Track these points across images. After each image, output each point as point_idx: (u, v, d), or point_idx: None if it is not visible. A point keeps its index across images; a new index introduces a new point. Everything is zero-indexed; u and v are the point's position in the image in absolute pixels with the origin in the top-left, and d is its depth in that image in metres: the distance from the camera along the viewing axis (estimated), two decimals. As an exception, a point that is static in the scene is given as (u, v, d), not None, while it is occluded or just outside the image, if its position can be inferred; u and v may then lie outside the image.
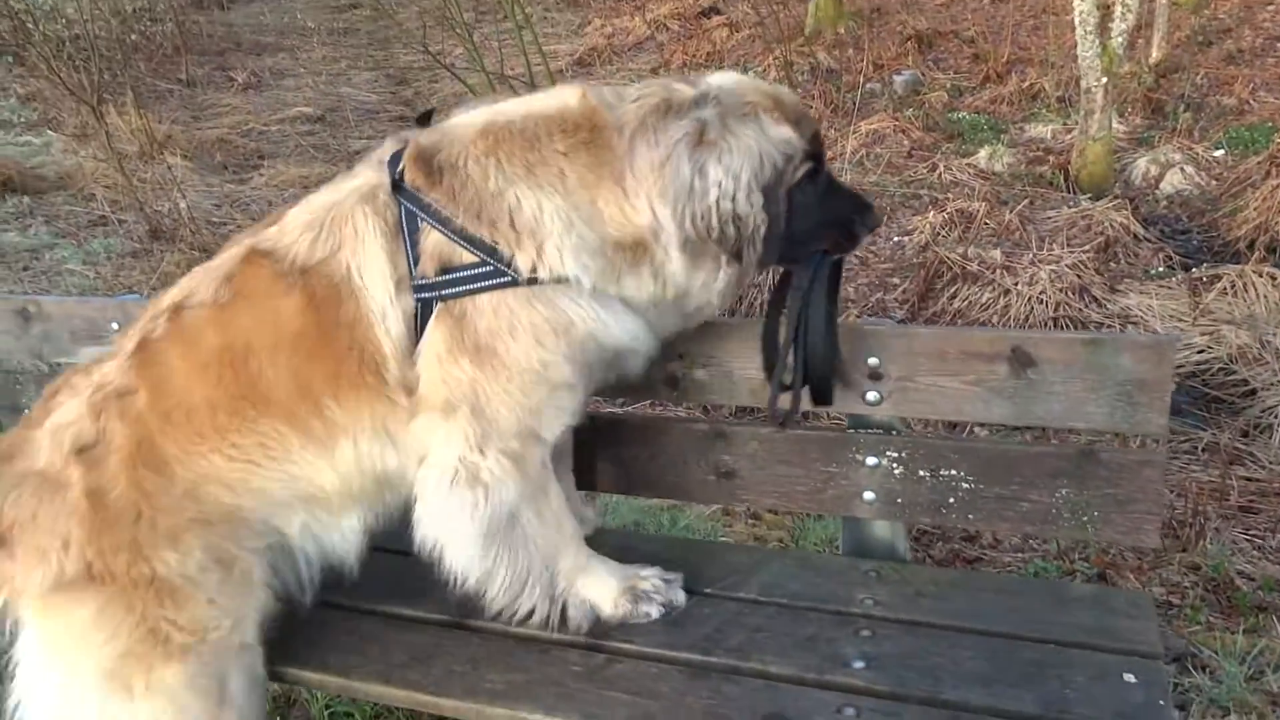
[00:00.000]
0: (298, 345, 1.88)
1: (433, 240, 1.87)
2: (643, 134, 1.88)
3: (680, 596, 2.08)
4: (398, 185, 1.90)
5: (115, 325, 2.71)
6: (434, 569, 1.95)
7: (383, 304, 1.88)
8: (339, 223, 1.92)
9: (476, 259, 1.86)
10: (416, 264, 1.87)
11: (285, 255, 1.91)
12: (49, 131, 10.51)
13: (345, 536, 2.03)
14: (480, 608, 1.99)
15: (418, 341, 1.90)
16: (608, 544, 2.36)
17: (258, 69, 13.72)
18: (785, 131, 1.92)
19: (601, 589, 2.06)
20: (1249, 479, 4.32)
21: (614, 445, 2.32)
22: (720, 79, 1.98)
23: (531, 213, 1.85)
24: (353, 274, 1.89)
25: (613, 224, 1.90)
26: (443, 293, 1.87)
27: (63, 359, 2.92)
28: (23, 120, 10.95)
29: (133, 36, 13.42)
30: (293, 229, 1.94)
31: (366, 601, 2.21)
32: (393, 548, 2.25)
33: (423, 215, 1.88)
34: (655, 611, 2.04)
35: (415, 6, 13.14)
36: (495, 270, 1.85)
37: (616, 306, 1.93)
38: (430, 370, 1.89)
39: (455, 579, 1.95)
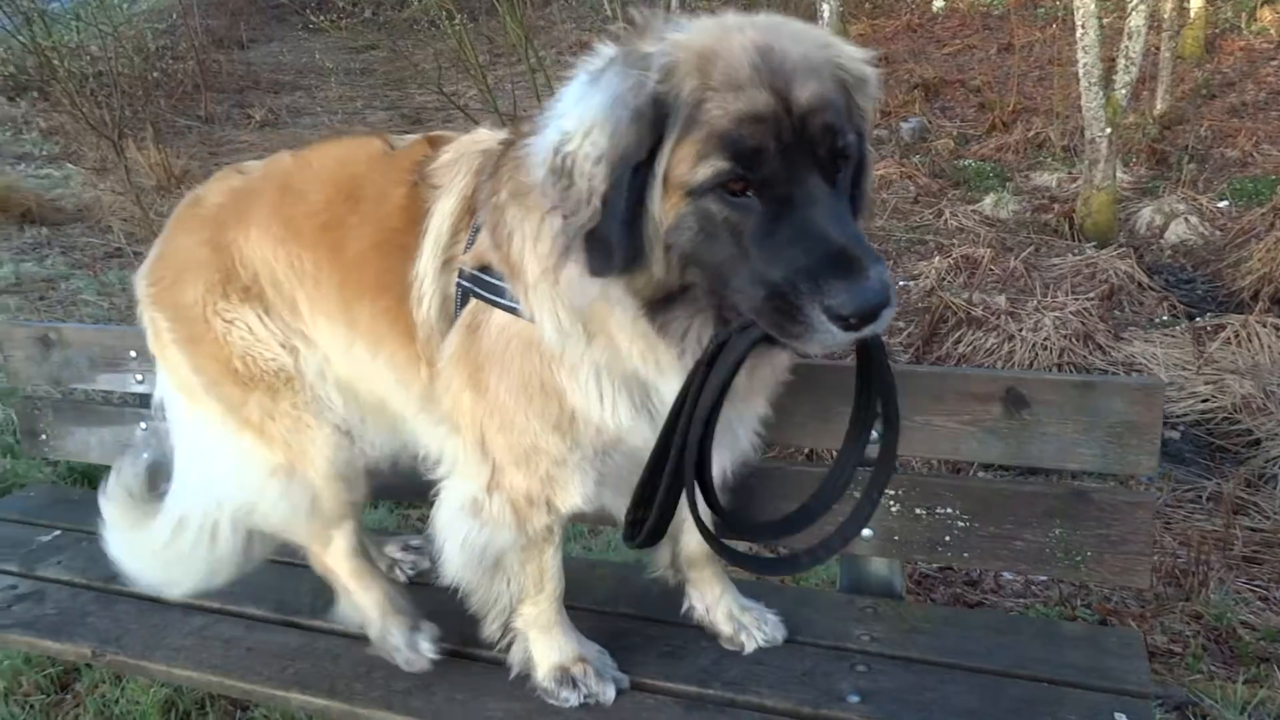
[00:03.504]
0: (381, 231, 1.86)
1: (486, 233, 1.71)
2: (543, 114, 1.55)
3: (610, 693, 1.96)
4: None
5: (133, 353, 2.77)
6: (438, 597, 1.99)
7: (423, 274, 1.80)
8: (460, 165, 1.82)
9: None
10: (469, 249, 1.75)
11: (437, 154, 1.88)
12: (69, 165, 10.73)
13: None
14: (481, 637, 2.02)
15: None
16: (609, 576, 2.40)
17: (275, 107, 13.99)
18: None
19: (545, 654, 1.99)
20: (1253, 529, 4.30)
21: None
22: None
23: (517, 246, 1.64)
24: (426, 219, 1.81)
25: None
26: (476, 289, 1.73)
27: (81, 385, 2.98)
28: (44, 153, 11.18)
29: (154, 74, 13.73)
30: (460, 141, 1.89)
31: (370, 629, 2.24)
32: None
33: None
34: (575, 700, 1.94)
35: (431, 48, 13.42)
36: (510, 292, 1.68)
37: (618, 381, 1.67)
38: (447, 369, 1.79)
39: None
